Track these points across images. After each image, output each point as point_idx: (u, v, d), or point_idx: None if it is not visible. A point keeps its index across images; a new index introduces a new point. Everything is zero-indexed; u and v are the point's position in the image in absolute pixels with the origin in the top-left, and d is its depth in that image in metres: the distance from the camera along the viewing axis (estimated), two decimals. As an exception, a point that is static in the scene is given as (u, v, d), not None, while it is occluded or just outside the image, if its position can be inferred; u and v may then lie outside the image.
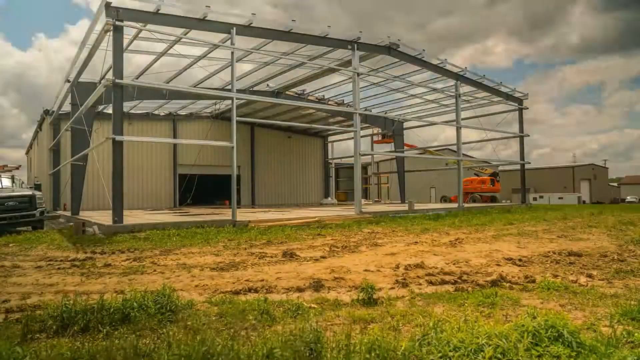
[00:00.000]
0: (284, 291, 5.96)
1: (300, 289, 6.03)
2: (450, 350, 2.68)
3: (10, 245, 11.58)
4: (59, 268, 8.05)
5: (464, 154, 27.12)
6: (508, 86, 28.21)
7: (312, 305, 5.14)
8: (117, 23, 13.58)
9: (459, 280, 6.43)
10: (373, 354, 2.88)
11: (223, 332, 4.12)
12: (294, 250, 9.31)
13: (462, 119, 26.06)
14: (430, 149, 35.79)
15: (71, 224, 16.68)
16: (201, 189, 33.15)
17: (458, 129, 25.06)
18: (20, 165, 30.50)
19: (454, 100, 26.16)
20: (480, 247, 10.03)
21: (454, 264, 7.88)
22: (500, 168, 51.28)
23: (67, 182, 23.53)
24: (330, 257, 8.73)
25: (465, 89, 26.05)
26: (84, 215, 19.14)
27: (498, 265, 7.75)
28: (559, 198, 50.52)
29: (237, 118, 16.37)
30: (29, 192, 15.46)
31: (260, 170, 36.04)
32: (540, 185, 60.73)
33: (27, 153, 45.52)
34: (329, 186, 40.88)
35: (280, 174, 37.60)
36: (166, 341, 3.84)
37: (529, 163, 30.82)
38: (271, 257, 8.75)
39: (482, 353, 2.64)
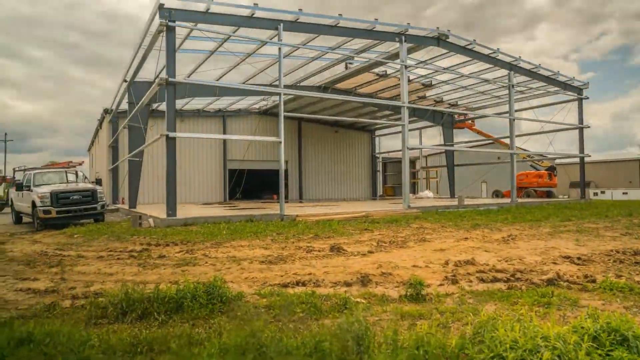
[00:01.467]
0: (331, 285, 5.98)
1: (347, 284, 6.03)
2: (503, 351, 2.57)
3: (75, 236, 12.35)
4: (118, 258, 8.50)
5: (517, 147, 26.03)
6: (566, 75, 26.75)
7: (359, 300, 5.13)
8: (170, 24, 14.06)
9: (512, 278, 6.19)
10: (421, 351, 2.83)
11: (271, 324, 4.20)
12: (341, 245, 9.31)
13: (516, 111, 25.02)
14: (501, 139, 34.20)
15: (129, 217, 17.57)
16: (250, 183, 33.88)
17: (511, 121, 24.09)
18: (83, 161, 32.37)
19: (506, 91, 25.15)
20: (534, 244, 9.61)
21: (506, 261, 7.60)
22: (557, 161, 48.82)
23: (125, 177, 24.78)
24: (378, 252, 8.67)
25: (518, 79, 24.93)
26: (141, 208, 20.07)
27: (554, 263, 7.40)
28: (623, 193, 47.37)
29: (285, 113, 16.55)
30: (92, 187, 16.40)
31: (308, 165, 36.31)
32: (603, 179, 57.24)
33: (89, 150, 48.34)
34: (377, 181, 40.55)
35: (328, 169, 37.70)
36: (217, 331, 3.97)
37: (589, 156, 29.08)
38: (319, 251, 8.80)
39: (538, 354, 2.52)
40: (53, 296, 5.78)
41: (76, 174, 19.21)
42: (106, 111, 29.39)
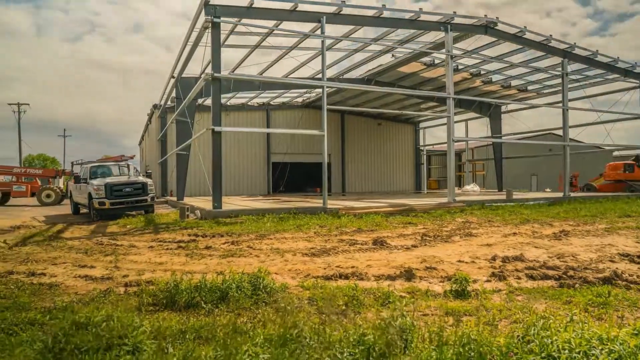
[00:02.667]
0: (374, 279, 5.95)
1: (391, 277, 5.98)
2: (554, 351, 2.46)
3: (127, 226, 12.94)
4: (167, 248, 8.83)
5: (572, 139, 24.76)
6: (627, 61, 25.06)
7: (403, 294, 5.07)
8: (215, 20, 14.34)
9: (564, 276, 5.91)
10: (467, 348, 2.75)
11: (314, 316, 4.23)
12: (384, 239, 9.24)
13: (570, 100, 23.78)
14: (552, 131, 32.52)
15: (177, 208, 18.19)
16: (293, 176, 34.19)
17: (565, 112, 22.94)
18: (134, 155, 33.72)
19: (559, 80, 23.95)
20: (589, 240, 9.14)
21: (558, 257, 7.28)
22: (616, 154, 46.09)
23: (173, 170, 25.66)
24: (422, 246, 8.53)
25: (572, 66, 23.63)
26: (188, 200, 20.73)
27: (612, 261, 7.00)
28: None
29: (328, 106, 16.53)
30: (142, 180, 17.10)
31: (351, 158, 36.17)
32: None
33: (139, 144, 50.41)
34: (421, 174, 39.84)
35: (371, 162, 37.41)
36: (262, 321, 4.04)
37: (652, 148, 27.23)
38: (361, 244, 8.78)
39: (593, 357, 2.39)
40: (108, 283, 6.09)
41: (128, 167, 20.09)
42: (155, 106, 30.50)
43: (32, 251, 9.07)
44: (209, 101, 25.67)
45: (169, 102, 26.99)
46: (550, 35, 21.48)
